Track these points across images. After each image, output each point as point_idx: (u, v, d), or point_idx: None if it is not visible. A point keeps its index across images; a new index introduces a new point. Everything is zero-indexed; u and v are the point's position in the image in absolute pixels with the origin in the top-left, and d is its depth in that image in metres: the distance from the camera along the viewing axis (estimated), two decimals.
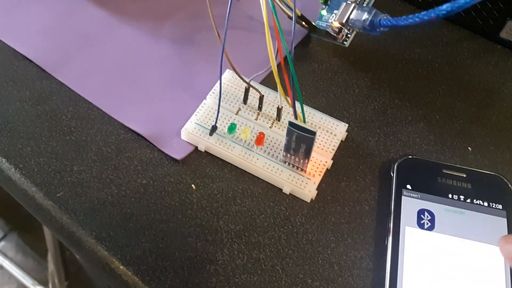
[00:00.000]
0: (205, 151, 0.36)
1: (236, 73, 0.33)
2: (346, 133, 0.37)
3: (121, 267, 0.31)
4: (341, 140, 0.37)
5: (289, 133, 0.31)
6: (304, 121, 0.31)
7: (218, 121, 0.35)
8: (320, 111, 0.37)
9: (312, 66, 0.41)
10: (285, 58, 0.36)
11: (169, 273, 0.31)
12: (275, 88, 0.37)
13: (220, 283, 0.31)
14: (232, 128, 0.34)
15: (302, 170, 0.34)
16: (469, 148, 0.37)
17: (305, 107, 0.37)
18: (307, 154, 0.32)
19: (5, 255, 0.94)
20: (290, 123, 0.31)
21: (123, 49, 0.40)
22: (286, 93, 0.33)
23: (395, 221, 0.33)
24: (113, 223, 0.33)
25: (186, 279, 0.31)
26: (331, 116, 0.37)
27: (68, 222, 0.33)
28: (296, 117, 0.31)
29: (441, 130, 0.38)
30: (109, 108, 0.37)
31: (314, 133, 0.30)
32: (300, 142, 0.32)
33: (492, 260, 0.31)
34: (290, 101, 0.31)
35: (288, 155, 0.33)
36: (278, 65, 0.32)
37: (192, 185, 0.34)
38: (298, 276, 0.31)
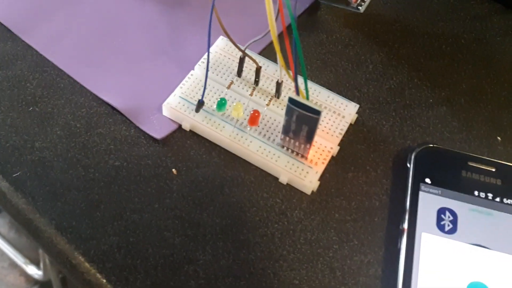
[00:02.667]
0: (190, 130, 0.30)
1: (230, 38, 0.28)
2: (356, 115, 0.32)
3: (84, 263, 0.26)
4: (350, 123, 0.31)
5: (289, 112, 0.26)
6: (308, 98, 0.25)
7: (206, 95, 0.30)
8: (327, 88, 0.32)
9: (320, 36, 0.35)
10: (289, 26, 0.31)
11: (140, 273, 0.26)
12: (275, 60, 0.32)
13: (200, 287, 0.26)
14: (221, 104, 0.29)
15: (302, 156, 0.29)
16: (499, 138, 0.32)
17: (310, 83, 0.32)
18: (309, 138, 0.27)
19: None
20: (291, 100, 0.25)
21: (102, 10, 0.35)
22: (287, 65, 0.27)
23: (410, 221, 0.27)
24: (77, 211, 0.28)
25: (159, 281, 0.26)
26: (340, 95, 0.32)
27: (25, 207, 0.28)
28: (298, 94, 0.26)
29: (467, 116, 0.33)
30: (82, 77, 0.32)
31: (319, 113, 0.25)
32: (301, 123, 0.26)
33: None
34: (292, 75, 0.25)
35: (287, 138, 0.28)
36: (280, 34, 0.26)
37: (173, 170, 0.29)
38: (292, 282, 0.26)
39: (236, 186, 0.29)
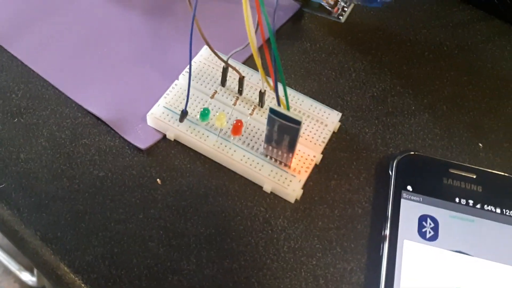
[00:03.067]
0: (174, 140, 0.31)
1: (211, 49, 0.28)
2: (339, 124, 0.32)
3: (69, 274, 0.27)
4: (333, 132, 0.32)
5: (270, 122, 0.26)
6: (288, 108, 0.26)
7: (190, 105, 0.30)
8: (311, 97, 0.32)
9: (304, 45, 0.36)
10: (268, 38, 0.31)
11: (124, 283, 0.26)
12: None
13: None
14: (205, 114, 0.29)
15: (285, 165, 0.29)
16: (480, 145, 0.32)
17: (293, 92, 0.32)
18: (291, 147, 0.27)
19: None
20: (271, 110, 0.26)
21: (85, 19, 0.35)
22: (268, 75, 0.28)
23: (392, 229, 0.28)
24: (62, 222, 0.28)
25: None
26: (323, 104, 0.32)
27: (10, 218, 0.28)
28: (279, 103, 0.26)
29: (449, 123, 0.33)
30: (66, 87, 0.32)
31: (299, 123, 0.25)
32: (283, 132, 0.27)
33: (508, 283, 0.26)
34: (272, 84, 0.26)
35: (270, 147, 0.29)
36: (261, 46, 0.27)
37: (158, 180, 0.29)
38: None
39: (221, 195, 0.29)
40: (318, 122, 0.31)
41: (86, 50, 0.34)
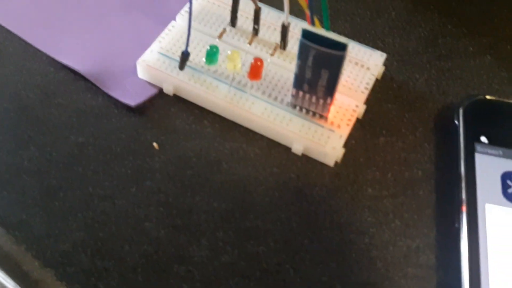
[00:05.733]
0: (174, 94, 0.24)
1: None
2: (383, 68, 0.25)
3: (38, 269, 0.20)
4: (376, 79, 0.25)
5: (302, 52, 0.20)
6: (328, 28, 0.19)
7: (192, 49, 0.24)
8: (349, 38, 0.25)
9: None
10: None
11: (113, 278, 0.19)
12: (275, 6, 0.26)
13: None
14: (212, 53, 0.22)
15: (321, 117, 0.22)
16: None
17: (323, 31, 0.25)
18: (331, 89, 0.21)
19: None
20: (305, 33, 0.19)
21: None
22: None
23: (468, 192, 0.21)
24: (29, 202, 0.21)
25: (139, 285, 0.19)
26: (362, 44, 0.25)
27: None
28: (313, 23, 0.19)
29: None
30: (35, 39, 0.25)
31: (344, 47, 0.19)
32: (320, 66, 0.20)
33: None
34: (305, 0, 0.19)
35: (301, 93, 0.22)
36: None
37: (154, 144, 0.23)
38: (319, 279, 0.20)
39: (237, 161, 0.22)
40: (358, 66, 0.24)
41: None
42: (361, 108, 0.24)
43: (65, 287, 0.19)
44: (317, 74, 0.20)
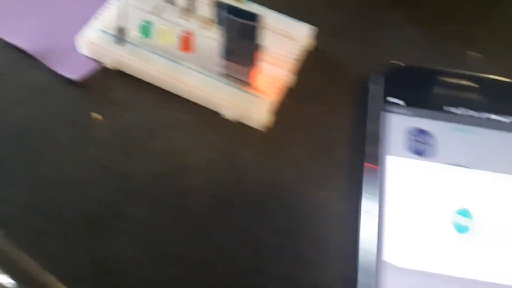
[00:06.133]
0: (114, 68, 0.26)
1: None
2: (313, 40, 0.27)
3: None
4: (308, 51, 0.27)
5: (223, 24, 0.21)
6: (244, 2, 0.21)
7: (129, 25, 0.25)
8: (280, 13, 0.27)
9: None
10: None
11: (57, 233, 0.21)
12: None
13: (130, 243, 0.21)
14: (146, 27, 0.24)
15: (249, 85, 0.24)
16: (475, 54, 0.28)
17: (257, 7, 0.27)
18: (252, 57, 0.23)
19: None
20: (221, 5, 0.21)
21: None
22: None
23: (373, 146, 0.23)
24: None
25: (80, 241, 0.21)
26: (292, 18, 0.27)
27: None
28: None
29: (436, 34, 0.29)
30: None
31: (255, 18, 0.20)
32: (241, 37, 0.22)
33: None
34: None
35: (228, 62, 0.24)
36: None
37: (96, 115, 0.24)
38: (244, 228, 0.22)
39: (173, 127, 0.24)
40: (287, 38, 0.26)
41: None
42: (290, 78, 0.26)
43: (12, 243, 0.21)
44: (241, 44, 0.22)
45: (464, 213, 0.22)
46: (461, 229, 0.21)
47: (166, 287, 0.20)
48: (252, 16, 0.21)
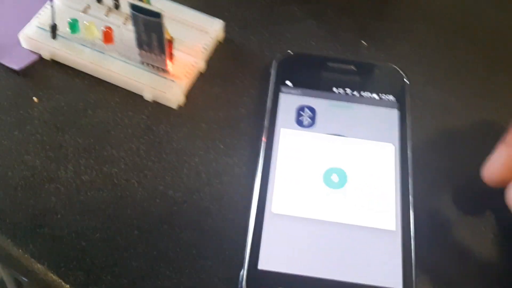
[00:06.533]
0: (51, 59, 0.30)
1: None
2: (223, 33, 0.32)
3: None
4: (219, 42, 0.32)
5: (134, 21, 0.26)
6: (149, 2, 0.26)
7: (62, 22, 0.30)
8: (196, 10, 0.32)
9: None
10: None
11: (1, 197, 0.26)
12: None
13: (60, 201, 0.26)
14: (73, 25, 0.29)
15: (164, 71, 0.29)
16: (364, 42, 0.33)
17: (174, 4, 0.32)
18: (162, 47, 0.27)
19: None
20: (132, 6, 0.25)
21: None
22: None
23: (270, 121, 0.28)
24: None
25: (19, 200, 0.26)
26: (206, 14, 0.32)
27: None
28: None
29: (333, 26, 0.34)
30: None
31: (159, 15, 0.25)
32: (149, 31, 0.26)
33: (381, 159, 0.27)
34: None
35: (143, 52, 0.28)
36: None
37: (34, 98, 0.29)
38: (157, 188, 0.27)
39: (100, 108, 0.29)
40: (200, 31, 0.31)
41: None
42: (201, 64, 0.30)
43: None
44: (150, 36, 0.27)
45: (338, 171, 0.27)
46: (333, 185, 0.26)
47: (86, 234, 0.25)
48: (154, 14, 0.25)
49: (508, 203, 0.23)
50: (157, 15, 0.25)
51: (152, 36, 0.27)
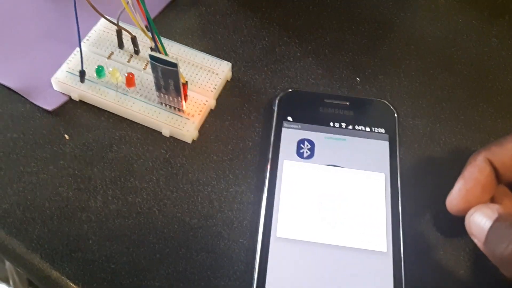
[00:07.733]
0: (79, 100, 0.34)
1: (99, 13, 0.32)
2: (231, 73, 0.36)
3: None
4: (227, 80, 0.36)
5: (153, 69, 0.30)
6: (166, 54, 0.29)
7: (89, 67, 0.34)
8: (207, 53, 0.36)
9: (199, 9, 0.39)
10: None
11: (37, 223, 0.30)
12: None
13: (92, 229, 0.29)
14: (99, 71, 0.33)
15: (179, 110, 0.33)
16: (357, 79, 0.37)
17: (187, 49, 0.36)
18: (178, 91, 0.31)
19: None
20: (151, 57, 0.29)
21: None
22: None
23: (274, 153, 0.32)
24: None
25: (55, 228, 0.29)
26: (215, 56, 0.36)
27: None
28: (159, 51, 0.29)
29: (330, 64, 0.37)
30: None
31: (175, 65, 0.29)
32: (167, 77, 0.30)
33: (373, 187, 0.31)
34: (149, 34, 0.29)
35: (162, 94, 0.32)
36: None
37: (66, 136, 0.33)
38: (175, 215, 0.30)
39: (124, 143, 0.33)
40: (210, 72, 0.35)
41: None
42: (212, 102, 0.34)
43: (6, 233, 0.29)
44: (167, 82, 0.31)
45: (335, 198, 0.30)
46: (330, 210, 0.30)
47: (115, 257, 0.29)
48: (171, 64, 0.29)
49: (467, 230, 0.27)
50: (174, 65, 0.29)
51: (169, 82, 0.31)
